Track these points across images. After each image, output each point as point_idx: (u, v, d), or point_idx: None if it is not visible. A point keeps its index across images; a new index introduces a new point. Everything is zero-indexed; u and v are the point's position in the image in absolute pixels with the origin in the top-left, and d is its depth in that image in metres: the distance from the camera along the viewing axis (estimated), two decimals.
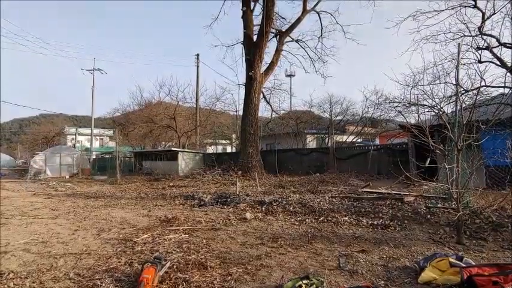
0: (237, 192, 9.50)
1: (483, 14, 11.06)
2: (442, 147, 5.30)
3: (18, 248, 4.49)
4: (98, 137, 46.80)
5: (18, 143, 53.61)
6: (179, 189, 12.50)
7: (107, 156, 28.67)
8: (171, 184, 14.12)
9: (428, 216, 5.82)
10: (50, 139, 41.35)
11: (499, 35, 10.68)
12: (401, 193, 7.90)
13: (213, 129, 33.42)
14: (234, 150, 32.98)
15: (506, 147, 5.72)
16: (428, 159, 5.79)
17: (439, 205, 6.36)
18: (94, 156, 28.94)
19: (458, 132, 4.90)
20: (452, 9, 11.61)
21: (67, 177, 22.01)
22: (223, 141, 38.57)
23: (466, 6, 11.44)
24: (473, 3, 11.25)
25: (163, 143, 34.25)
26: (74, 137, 43.92)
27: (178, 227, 5.62)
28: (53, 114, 61.18)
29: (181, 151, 21.26)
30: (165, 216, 6.64)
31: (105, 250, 4.34)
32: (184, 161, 20.79)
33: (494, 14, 10.82)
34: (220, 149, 38.73)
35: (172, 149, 22.43)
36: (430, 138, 4.92)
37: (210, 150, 34.68)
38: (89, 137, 34.14)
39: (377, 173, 14.13)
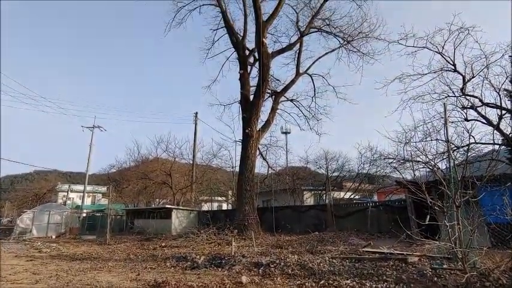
0: (232, 253, 9.02)
1: (463, 77, 11.88)
2: (440, 203, 5.25)
3: None
4: (90, 194, 45.79)
5: (7, 200, 52.05)
6: (171, 249, 11.86)
7: (97, 214, 27.72)
8: (163, 244, 13.43)
9: (435, 278, 5.48)
10: (40, 196, 40.33)
11: (481, 95, 11.36)
12: (405, 253, 7.55)
13: (209, 186, 33.05)
14: (230, 207, 32.21)
15: (504, 204, 5.67)
16: (428, 217, 5.68)
17: (445, 266, 6.05)
18: (84, 214, 27.95)
19: (454, 189, 4.90)
20: (435, 72, 12.53)
21: (53, 237, 20.92)
22: (219, 198, 37.87)
23: (446, 70, 12.37)
24: (453, 67, 12.17)
25: (157, 200, 33.51)
26: (65, 194, 42.94)
27: None
28: (47, 171, 60.61)
29: (175, 208, 20.70)
30: (154, 281, 6.18)
31: None
32: (178, 219, 20.10)
33: (473, 77, 11.64)
34: (215, 206, 37.83)
35: (167, 206, 21.86)
36: (427, 195, 4.90)
37: (206, 207, 33.83)
38: (81, 194, 33.43)
39: (377, 231, 13.68)
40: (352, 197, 23.41)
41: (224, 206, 37.15)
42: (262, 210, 18.68)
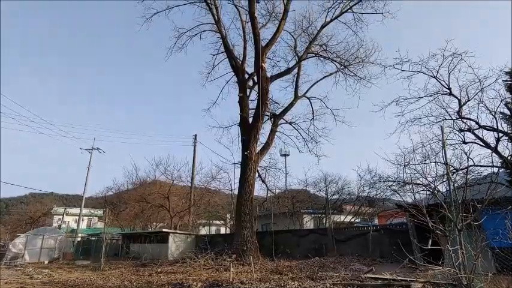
0: (231, 280, 8.74)
1: (459, 100, 12.05)
2: (441, 227, 5.16)
3: None
4: (85, 217, 44.98)
5: (0, 224, 50.92)
6: (167, 275, 11.48)
7: (92, 238, 27.08)
8: (159, 270, 13.02)
9: None
10: (35, 220, 39.53)
11: (477, 118, 11.48)
12: (408, 279, 7.33)
13: (207, 209, 32.56)
14: (228, 231, 31.57)
15: (506, 227, 5.58)
16: (430, 241, 5.57)
17: None
18: (79, 239, 27.29)
19: (455, 212, 4.84)
20: (431, 96, 12.71)
21: (46, 262, 20.31)
22: (217, 222, 37.23)
23: (442, 94, 12.56)
24: (448, 91, 12.37)
25: (154, 223, 32.91)
26: (61, 217, 42.15)
27: None
28: (43, 193, 59.86)
29: (172, 232, 20.27)
30: None
31: None
32: (175, 244, 19.63)
33: (469, 100, 11.81)
34: (213, 229, 37.11)
35: (163, 230, 21.41)
36: (428, 218, 4.84)
37: (203, 231, 33.16)
38: (77, 217, 32.85)
39: (379, 255, 13.35)
40: (352, 220, 23.01)
41: (222, 230, 36.42)
42: (261, 234, 18.30)
